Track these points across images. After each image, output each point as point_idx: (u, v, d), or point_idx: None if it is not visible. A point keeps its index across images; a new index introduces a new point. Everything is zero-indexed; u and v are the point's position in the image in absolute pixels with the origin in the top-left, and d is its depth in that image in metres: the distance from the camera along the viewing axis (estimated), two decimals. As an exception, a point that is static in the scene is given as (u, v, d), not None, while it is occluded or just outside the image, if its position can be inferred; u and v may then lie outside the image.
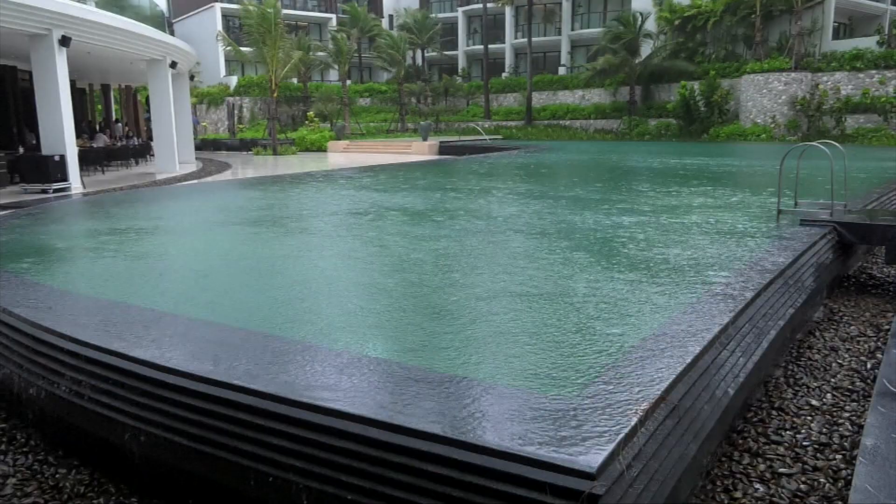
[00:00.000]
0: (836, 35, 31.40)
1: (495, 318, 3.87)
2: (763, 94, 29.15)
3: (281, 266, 5.59)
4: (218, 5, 43.61)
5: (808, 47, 29.72)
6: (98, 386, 3.25)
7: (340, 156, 28.26)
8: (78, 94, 25.15)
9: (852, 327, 5.33)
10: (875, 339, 5.03)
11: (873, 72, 27.37)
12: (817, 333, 5.17)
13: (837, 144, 8.01)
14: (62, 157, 14.09)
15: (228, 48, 33.32)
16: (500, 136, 35.02)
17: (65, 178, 14.14)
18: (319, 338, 3.60)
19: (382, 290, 4.66)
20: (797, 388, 4.11)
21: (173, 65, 20.56)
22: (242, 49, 31.23)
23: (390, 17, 53.12)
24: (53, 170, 13.84)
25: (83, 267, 5.91)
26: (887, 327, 5.26)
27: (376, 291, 4.61)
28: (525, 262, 5.41)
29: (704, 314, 3.81)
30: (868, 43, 29.06)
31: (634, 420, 2.46)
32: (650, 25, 35.61)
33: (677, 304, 4.05)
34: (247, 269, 5.50)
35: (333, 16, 48.26)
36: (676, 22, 34.51)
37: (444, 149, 27.87)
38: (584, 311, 3.95)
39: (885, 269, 7.41)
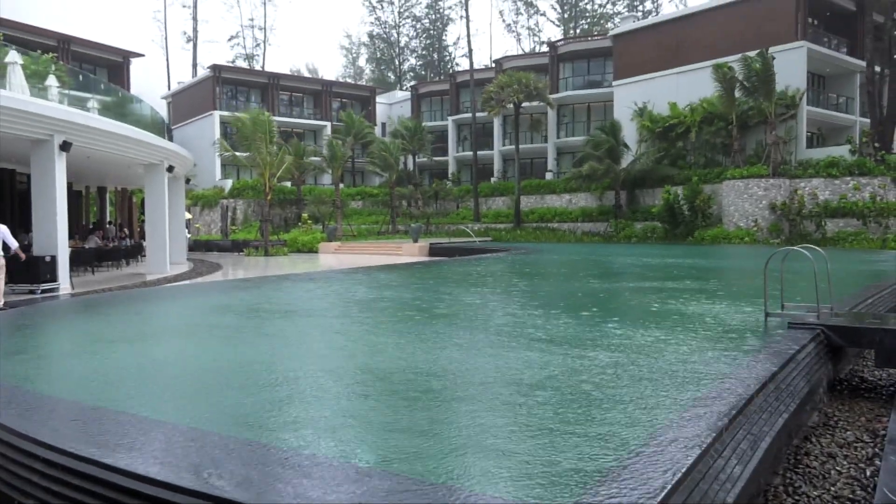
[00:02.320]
0: (810, 144, 32.88)
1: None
2: (744, 199, 30.07)
3: (270, 368, 5.50)
4: (217, 113, 45.44)
5: (785, 155, 31.01)
6: (74, 497, 3.11)
7: (331, 257, 28.53)
8: (74, 197, 25.59)
9: (848, 433, 5.24)
10: (872, 444, 4.94)
11: (848, 178, 28.45)
12: (813, 439, 5.07)
13: (818, 248, 8.18)
14: (53, 258, 14.14)
15: (226, 154, 34.37)
16: (489, 238, 35.62)
17: (54, 279, 14.12)
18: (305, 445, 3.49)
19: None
20: (797, 497, 3.99)
21: (170, 169, 21.09)
22: (238, 154, 32.23)
23: (383, 124, 55.36)
24: (43, 270, 13.84)
25: (61, 369, 5.79)
26: (883, 433, 5.18)
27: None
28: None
29: (699, 420, 3.75)
30: (841, 151, 30.39)
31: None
32: (632, 134, 37.19)
33: (666, 411, 3.99)
34: (231, 374, 5.41)
35: (328, 123, 50.30)
36: (658, 130, 36.10)
37: (434, 250, 28.22)
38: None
39: (876, 373, 7.38)
